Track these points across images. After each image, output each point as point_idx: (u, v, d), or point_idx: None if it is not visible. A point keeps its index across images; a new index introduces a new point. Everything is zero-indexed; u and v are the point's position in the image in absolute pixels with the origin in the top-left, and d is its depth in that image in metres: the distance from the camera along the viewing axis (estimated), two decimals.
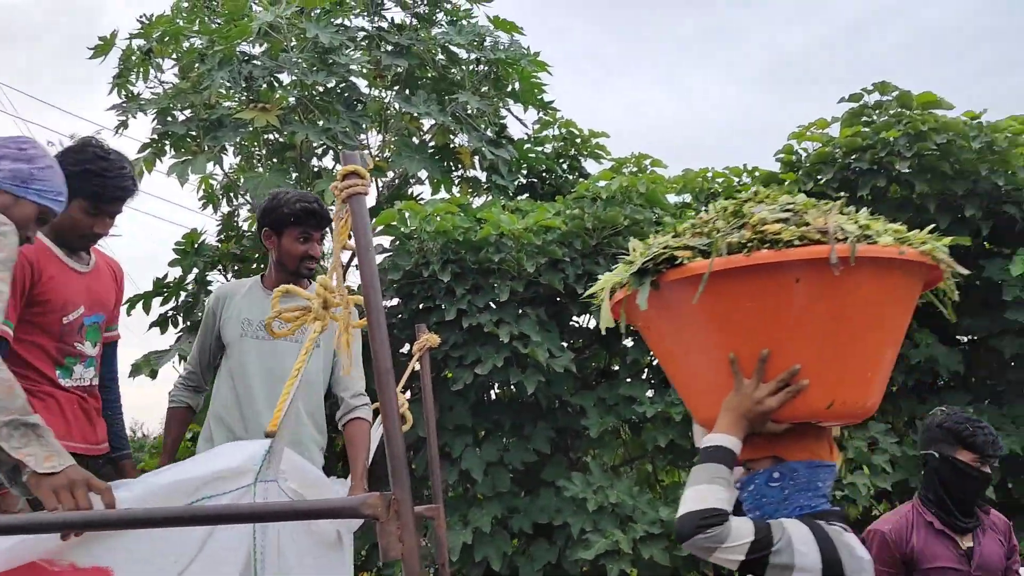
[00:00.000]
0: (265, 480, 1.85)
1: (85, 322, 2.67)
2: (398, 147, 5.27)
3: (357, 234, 1.88)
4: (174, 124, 4.72)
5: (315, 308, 1.92)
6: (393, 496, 1.76)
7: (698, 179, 5.31)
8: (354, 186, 1.89)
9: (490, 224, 4.11)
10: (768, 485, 1.88)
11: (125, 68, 4.83)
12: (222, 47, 4.53)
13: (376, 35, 5.18)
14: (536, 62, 5.26)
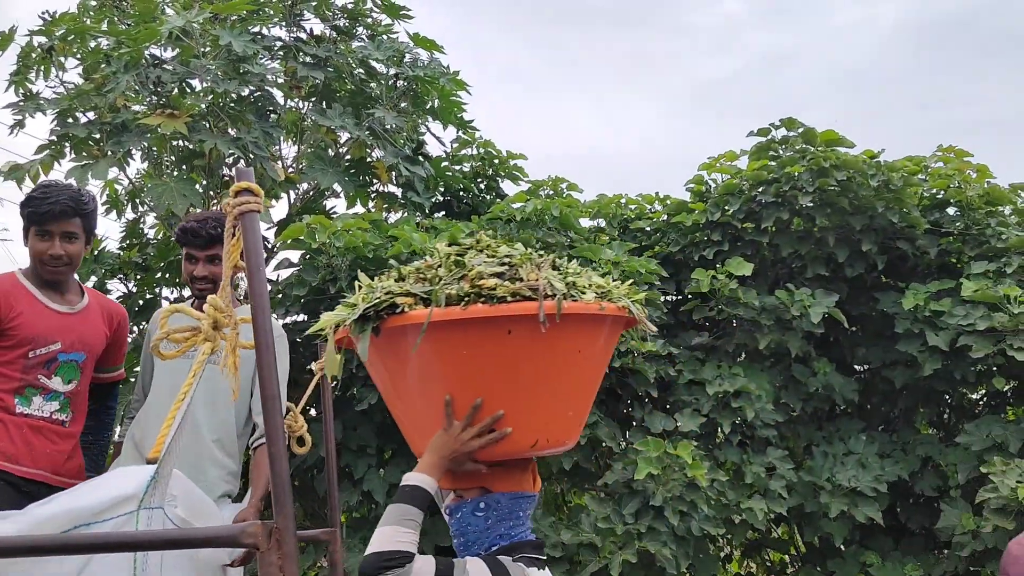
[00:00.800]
0: (150, 507, 1.77)
1: (60, 358, 2.77)
2: (312, 160, 5.19)
3: (248, 253, 1.83)
4: (75, 126, 4.53)
5: (205, 328, 1.86)
6: (275, 525, 1.71)
7: (611, 205, 5.40)
8: (247, 203, 1.85)
9: (401, 242, 4.07)
10: (473, 515, 2.04)
11: (24, 65, 4.62)
12: (129, 49, 4.38)
13: (294, 46, 5.10)
14: (456, 81, 5.27)
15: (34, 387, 2.75)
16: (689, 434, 4.37)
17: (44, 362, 2.76)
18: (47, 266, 2.80)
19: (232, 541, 1.68)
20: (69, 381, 2.82)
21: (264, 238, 5.41)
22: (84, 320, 2.89)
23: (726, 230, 4.98)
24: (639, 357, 4.40)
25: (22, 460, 2.67)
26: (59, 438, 2.79)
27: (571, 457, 4.29)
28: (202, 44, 4.57)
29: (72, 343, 2.82)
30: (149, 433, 2.94)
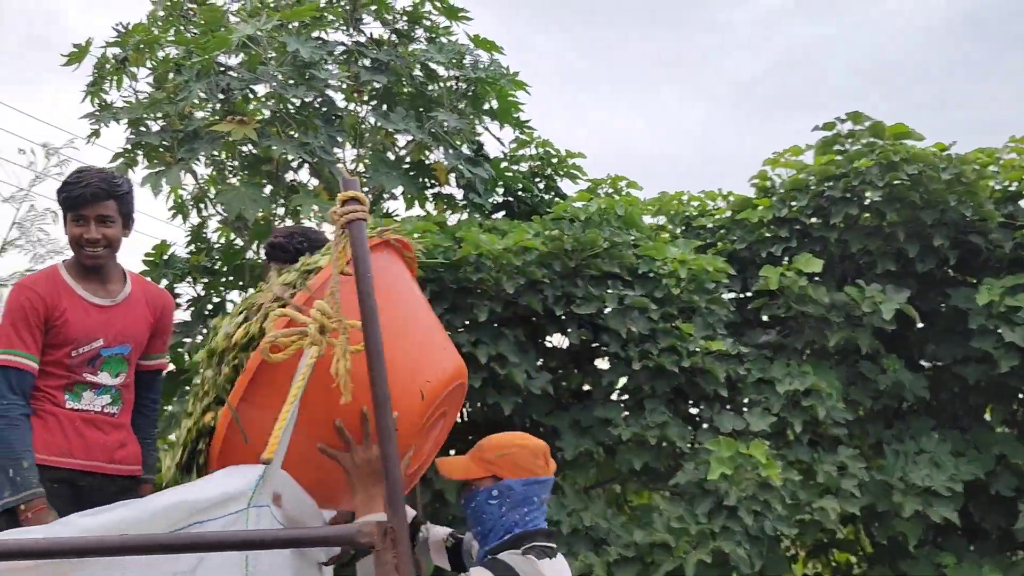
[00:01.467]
0: (258, 505, 1.81)
1: (103, 354, 2.76)
2: (373, 162, 5.24)
3: (356, 260, 1.86)
4: (148, 134, 4.64)
5: (312, 332, 1.90)
6: (389, 525, 1.74)
7: (673, 202, 5.37)
8: (354, 212, 1.88)
9: (469, 244, 4.10)
10: (487, 503, 2.07)
11: (99, 76, 4.74)
12: (201, 58, 4.46)
13: (355, 50, 5.15)
14: (515, 81, 5.28)
15: (83, 383, 2.76)
16: (759, 433, 4.34)
17: (88, 360, 2.76)
18: (85, 250, 2.76)
19: (349, 540, 1.72)
20: (117, 374, 2.82)
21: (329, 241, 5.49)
22: (126, 311, 2.86)
23: (793, 226, 4.93)
24: (708, 356, 4.37)
25: (76, 453, 2.71)
26: (112, 428, 2.81)
27: (640, 457, 4.29)
28: (268, 51, 4.64)
29: (114, 337, 2.80)
30: None
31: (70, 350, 2.71)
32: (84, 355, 2.74)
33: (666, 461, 4.53)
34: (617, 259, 4.38)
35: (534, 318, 4.47)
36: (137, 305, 2.88)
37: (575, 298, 4.27)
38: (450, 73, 5.30)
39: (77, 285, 2.76)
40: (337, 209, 1.87)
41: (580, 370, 4.92)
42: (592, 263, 4.32)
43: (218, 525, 1.79)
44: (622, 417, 4.36)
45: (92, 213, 2.72)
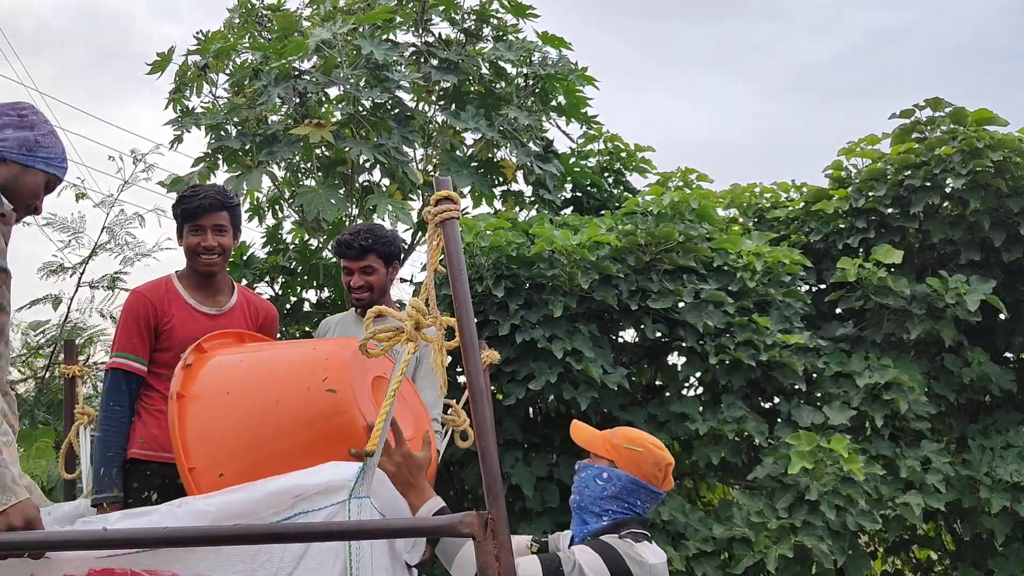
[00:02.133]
0: (359, 497, 1.86)
1: None
2: (444, 161, 5.31)
3: (450, 258, 1.91)
4: (227, 139, 4.78)
5: (407, 329, 1.95)
6: (489, 516, 1.78)
7: (745, 194, 5.31)
8: (447, 211, 1.93)
9: (543, 240, 4.13)
10: (595, 480, 2.21)
11: (181, 84, 4.90)
12: (277, 63, 4.58)
13: (425, 51, 5.22)
14: (584, 76, 5.28)
15: None
16: (839, 427, 4.27)
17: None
18: (201, 257, 2.95)
19: (451, 531, 1.76)
20: None
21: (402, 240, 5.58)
22: (230, 320, 3.04)
23: (870, 217, 4.83)
24: (785, 350, 4.31)
25: None
26: None
27: (717, 451, 4.26)
28: (342, 54, 4.73)
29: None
30: None
31: (177, 353, 2.82)
32: None
33: (743, 455, 4.49)
34: (692, 253, 4.35)
35: (607, 313, 4.47)
36: (242, 315, 3.08)
37: (650, 292, 4.26)
38: (519, 71, 5.33)
39: (187, 294, 2.98)
40: (431, 208, 1.92)
41: (653, 365, 4.91)
42: (666, 257, 4.31)
43: (322, 516, 1.86)
44: (698, 412, 4.34)
45: (208, 223, 2.93)
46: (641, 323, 4.35)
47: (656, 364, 4.86)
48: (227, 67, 5.00)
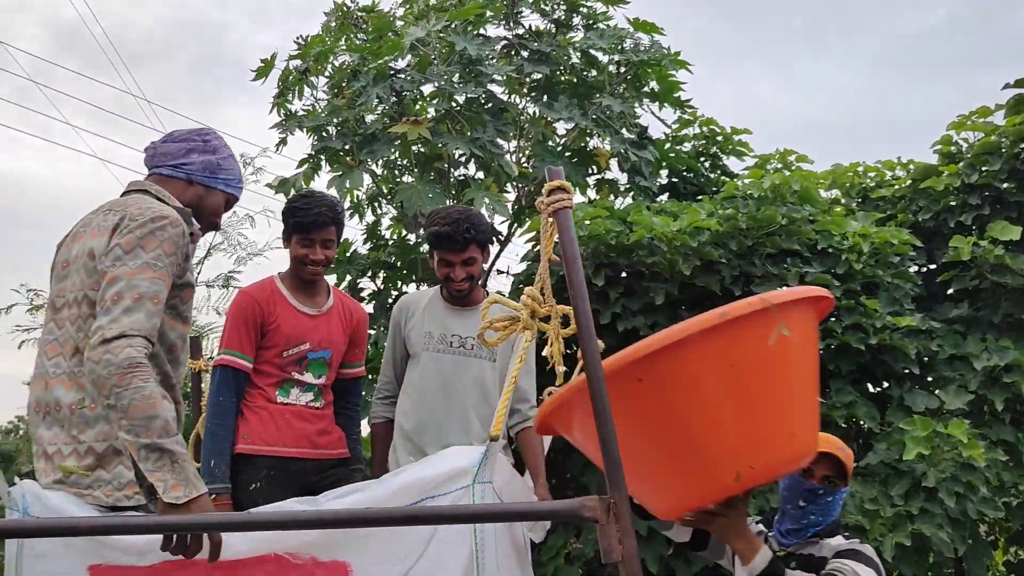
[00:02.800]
0: (482, 481, 1.92)
1: (309, 356, 3.10)
2: (537, 152, 5.34)
3: (565, 246, 1.93)
4: (329, 140, 4.93)
5: (524, 318, 1.99)
6: (611, 500, 1.81)
7: (848, 174, 5.17)
8: (560, 200, 1.96)
9: (642, 227, 4.11)
10: (839, 501, 2.35)
11: (284, 88, 5.08)
12: (375, 64, 4.70)
13: (516, 43, 5.26)
14: (677, 61, 5.23)
15: (291, 381, 3.09)
16: (956, 412, 4.12)
17: (296, 360, 3.10)
18: (307, 268, 3.12)
19: (574, 515, 1.79)
20: (320, 375, 3.15)
21: (497, 231, 5.65)
22: (328, 321, 3.19)
23: (984, 193, 4.63)
24: (895, 333, 4.19)
25: (286, 442, 3.02)
26: (315, 418, 3.14)
27: None
28: (436, 51, 4.82)
29: (319, 342, 3.13)
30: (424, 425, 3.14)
31: (281, 350, 3.05)
32: (293, 356, 3.09)
33: (853, 442, 4.38)
34: (795, 236, 4.26)
35: (709, 300, 4.43)
36: (337, 316, 3.23)
37: (753, 277, 4.20)
38: (610, 58, 5.32)
39: (290, 295, 3.14)
40: (544, 198, 1.95)
41: None
42: (769, 241, 4.23)
43: (448, 500, 1.93)
44: None
45: (318, 237, 3.09)
46: None
47: None
48: (326, 70, 5.15)
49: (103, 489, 2.04)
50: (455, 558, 1.90)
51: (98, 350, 1.90)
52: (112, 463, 2.06)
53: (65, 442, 2.08)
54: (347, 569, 1.88)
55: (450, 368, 3.16)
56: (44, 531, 1.92)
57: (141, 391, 1.87)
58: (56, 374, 2.12)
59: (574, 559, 4.52)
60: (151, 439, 1.87)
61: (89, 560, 1.97)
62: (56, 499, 1.99)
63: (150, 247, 2.05)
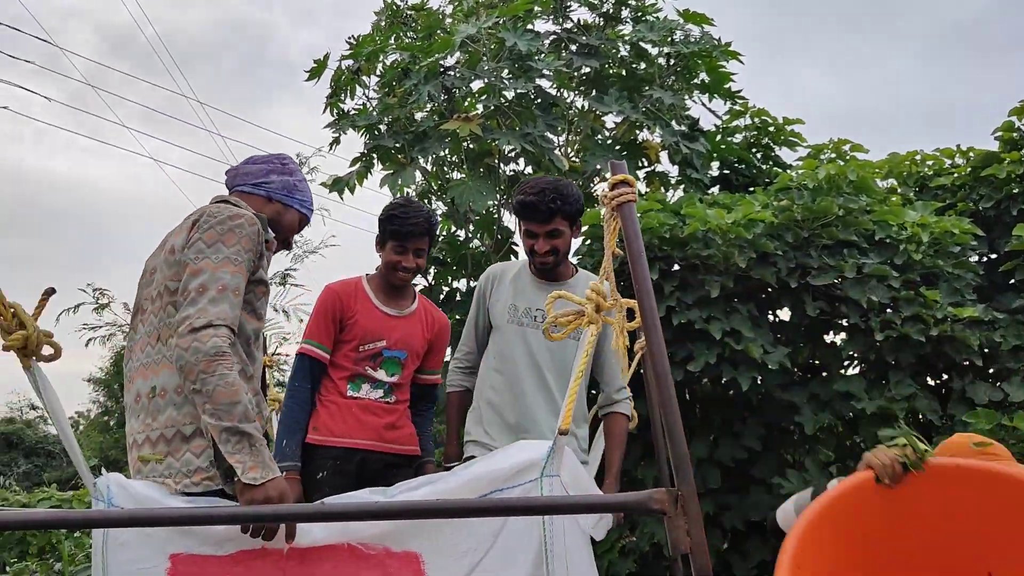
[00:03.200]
0: (550, 475, 1.95)
1: (384, 354, 3.17)
2: (586, 146, 5.34)
3: (629, 240, 1.95)
4: (382, 138, 4.99)
5: (588, 312, 2.01)
6: (679, 492, 1.82)
7: (905, 163, 5.08)
8: (624, 195, 1.97)
9: (696, 219, 4.10)
10: None
11: (337, 88, 5.15)
12: (426, 62, 4.74)
13: (565, 37, 5.27)
14: (728, 52, 5.19)
15: (363, 376, 3.16)
16: (1020, 404, 4.03)
17: (371, 356, 3.16)
18: (398, 274, 3.19)
19: (642, 507, 1.81)
20: (392, 374, 3.21)
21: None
22: (408, 323, 3.25)
23: None
24: (957, 324, 4.11)
25: (353, 434, 3.09)
26: (384, 412, 3.18)
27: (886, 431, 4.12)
28: (486, 48, 4.85)
29: (395, 342, 3.19)
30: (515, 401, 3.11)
31: (357, 344, 3.12)
32: (368, 351, 3.15)
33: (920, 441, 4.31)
34: (852, 226, 4.21)
35: (764, 292, 4.40)
36: (418, 321, 3.28)
37: (810, 269, 4.15)
38: (660, 50, 5.29)
39: (373, 295, 3.22)
40: (608, 192, 1.97)
41: (811, 343, 4.78)
42: (825, 232, 4.18)
43: (516, 493, 1.96)
44: (863, 390, 4.20)
45: (412, 246, 3.16)
46: (801, 300, 4.25)
47: (814, 342, 4.73)
48: (377, 69, 5.21)
49: (173, 477, 2.12)
50: (525, 550, 1.93)
51: (187, 338, 2.02)
52: (180, 450, 2.14)
53: (140, 431, 2.20)
54: (419, 559, 1.92)
55: (535, 343, 3.11)
56: (126, 521, 2.00)
57: (225, 378, 1.99)
58: (136, 367, 2.25)
59: (628, 553, 4.53)
60: (232, 423, 1.97)
61: (170, 549, 2.04)
62: (142, 488, 2.06)
63: (230, 242, 2.17)
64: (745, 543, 4.26)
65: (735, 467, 4.33)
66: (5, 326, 2.07)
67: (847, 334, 4.38)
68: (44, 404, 2.19)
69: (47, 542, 9.81)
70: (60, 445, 26.48)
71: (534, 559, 1.92)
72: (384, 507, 1.80)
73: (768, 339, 4.17)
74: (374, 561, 1.95)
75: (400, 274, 3.18)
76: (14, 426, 27.03)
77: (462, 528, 1.95)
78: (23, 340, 2.08)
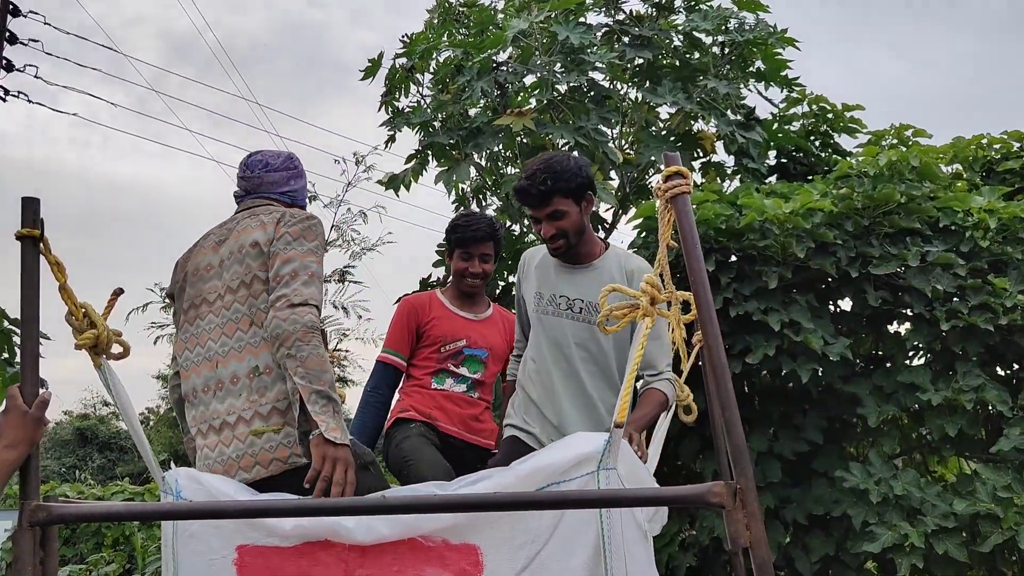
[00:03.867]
0: (606, 468, 1.95)
1: (465, 352, 3.34)
2: (640, 138, 5.31)
3: (684, 232, 1.94)
4: (436, 135, 5.03)
5: (643, 305, 2.01)
6: (738, 485, 1.80)
7: (971, 147, 4.93)
8: (678, 186, 1.96)
9: (753, 210, 4.04)
10: None
11: (391, 86, 5.21)
12: (478, 58, 4.76)
13: (618, 29, 5.24)
14: (784, 39, 5.10)
15: (446, 372, 3.31)
16: None
17: (453, 354, 3.31)
18: (466, 279, 3.34)
19: (700, 499, 1.81)
20: (475, 371, 3.35)
21: (602, 218, 5.65)
22: (487, 325, 3.41)
23: None
24: None
25: (439, 418, 3.23)
26: (467, 404, 3.31)
27: (954, 423, 4.01)
28: (538, 42, 4.85)
29: (475, 341, 3.33)
30: (549, 395, 3.01)
31: (439, 346, 3.30)
32: (450, 350, 3.31)
33: (982, 426, 4.20)
34: (915, 213, 4.10)
35: (823, 282, 4.32)
36: (496, 324, 3.44)
37: (871, 258, 4.06)
38: (714, 39, 5.23)
39: (448, 302, 3.40)
40: (661, 184, 1.96)
41: (873, 334, 4.67)
42: (887, 220, 4.09)
43: (573, 486, 1.96)
44: (929, 381, 4.10)
45: (476, 252, 3.32)
46: (863, 290, 4.16)
47: (877, 333, 4.63)
48: (430, 66, 5.25)
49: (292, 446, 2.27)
50: (582, 543, 1.93)
51: (285, 311, 2.22)
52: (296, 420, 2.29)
53: (245, 407, 2.33)
54: (477, 552, 1.94)
55: (560, 332, 2.97)
56: (196, 513, 2.07)
57: (317, 349, 2.19)
58: (225, 352, 2.39)
59: (688, 547, 4.50)
60: (322, 388, 2.15)
61: (237, 540, 2.10)
62: (215, 482, 2.14)
63: (310, 238, 2.40)
64: (807, 537, 4.20)
65: (796, 460, 4.26)
66: (77, 325, 2.16)
67: (911, 324, 4.27)
68: (114, 401, 2.27)
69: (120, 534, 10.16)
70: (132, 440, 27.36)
71: (592, 552, 1.93)
72: (443, 500, 1.83)
73: (828, 330, 4.10)
74: (434, 554, 1.98)
75: (468, 280, 3.33)
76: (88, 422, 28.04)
77: (519, 521, 1.96)
78: (94, 339, 2.16)
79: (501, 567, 1.96)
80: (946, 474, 4.77)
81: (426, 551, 1.98)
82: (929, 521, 3.79)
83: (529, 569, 1.95)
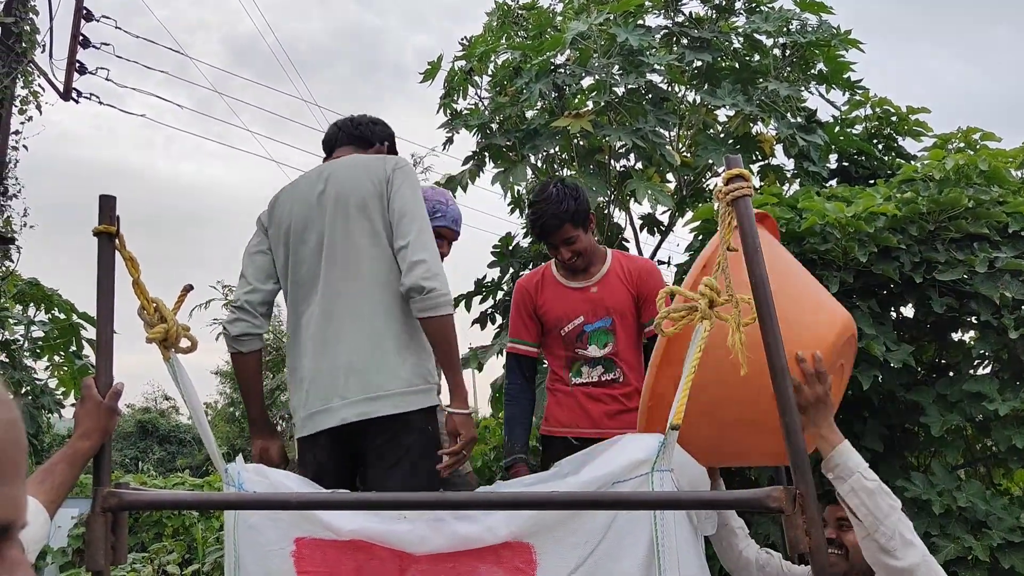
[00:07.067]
0: (661, 470, 1.95)
1: (586, 329, 3.23)
2: (699, 141, 5.26)
3: (745, 235, 1.93)
4: (493, 136, 5.06)
5: (702, 307, 2.00)
6: (797, 491, 1.79)
7: None
8: (739, 189, 1.95)
9: (814, 213, 3.98)
10: None
11: (450, 88, 5.25)
12: (537, 60, 4.78)
13: (677, 32, 5.21)
14: (848, 40, 5.01)
15: (578, 359, 3.21)
16: None
17: (576, 335, 3.21)
18: (564, 263, 3.31)
19: (759, 504, 1.80)
20: (604, 345, 3.22)
21: (659, 221, 5.62)
22: (603, 288, 3.28)
23: None
24: None
25: (581, 424, 3.17)
26: (610, 399, 3.20)
27: (1022, 434, 3.89)
28: (597, 44, 4.84)
29: (594, 312, 3.23)
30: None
31: (560, 329, 3.21)
32: (572, 332, 3.22)
33: None
34: (983, 219, 3.99)
35: (885, 288, 4.23)
36: (615, 279, 3.29)
37: (936, 264, 3.97)
38: (775, 41, 5.16)
39: (559, 275, 3.32)
40: (722, 187, 1.95)
41: (937, 341, 4.56)
42: (953, 225, 3.99)
43: (627, 487, 1.96)
44: (996, 391, 3.98)
45: (556, 240, 3.26)
46: (927, 297, 4.06)
47: (941, 340, 4.51)
48: (489, 69, 5.28)
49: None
50: (636, 544, 1.93)
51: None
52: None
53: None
54: (531, 551, 1.96)
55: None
56: (256, 504, 2.12)
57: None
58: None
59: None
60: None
61: (295, 533, 2.15)
62: (278, 476, 2.19)
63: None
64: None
65: None
66: (148, 320, 2.23)
67: (977, 332, 4.16)
68: (182, 394, 2.34)
69: (180, 524, 10.42)
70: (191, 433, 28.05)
71: (645, 554, 1.93)
72: (497, 498, 1.84)
73: (890, 337, 4.01)
74: (488, 550, 2.00)
75: (566, 264, 3.29)
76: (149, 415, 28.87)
77: (574, 521, 1.97)
78: (164, 333, 2.23)
79: (554, 566, 1.97)
80: (1012, 487, 4.63)
81: (480, 548, 2.00)
82: (995, 535, 3.69)
83: (582, 569, 1.96)
